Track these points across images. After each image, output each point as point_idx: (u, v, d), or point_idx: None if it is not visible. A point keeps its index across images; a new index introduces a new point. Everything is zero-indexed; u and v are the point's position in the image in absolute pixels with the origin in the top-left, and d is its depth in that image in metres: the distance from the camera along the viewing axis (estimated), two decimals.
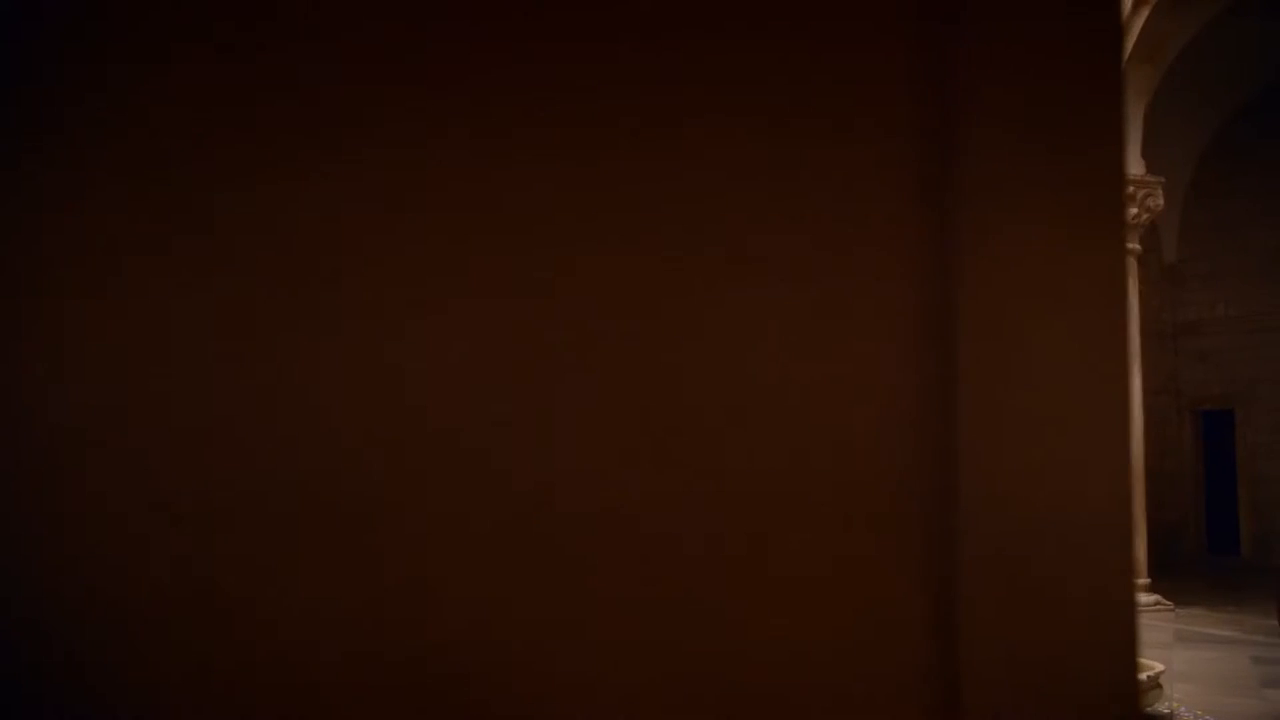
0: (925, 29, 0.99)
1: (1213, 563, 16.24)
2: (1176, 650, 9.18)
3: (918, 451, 0.96)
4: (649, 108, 0.97)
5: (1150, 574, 11.84)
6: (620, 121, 0.96)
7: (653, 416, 0.96)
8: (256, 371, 0.88)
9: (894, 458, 0.96)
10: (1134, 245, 11.85)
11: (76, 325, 0.86)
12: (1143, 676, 6.35)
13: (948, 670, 0.96)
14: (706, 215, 0.97)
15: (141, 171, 0.86)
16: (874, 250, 0.97)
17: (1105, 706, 1.01)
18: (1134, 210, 11.73)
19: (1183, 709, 6.80)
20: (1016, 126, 1.01)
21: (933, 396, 0.97)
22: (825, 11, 0.98)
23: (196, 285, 0.87)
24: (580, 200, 0.95)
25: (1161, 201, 12.02)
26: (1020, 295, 0.99)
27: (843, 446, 0.96)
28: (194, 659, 0.85)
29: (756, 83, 0.98)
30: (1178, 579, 13.68)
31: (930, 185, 0.98)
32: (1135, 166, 11.76)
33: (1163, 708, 6.67)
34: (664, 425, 0.96)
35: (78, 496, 0.84)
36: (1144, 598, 11.44)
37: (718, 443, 0.96)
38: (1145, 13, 11.25)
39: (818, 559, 0.95)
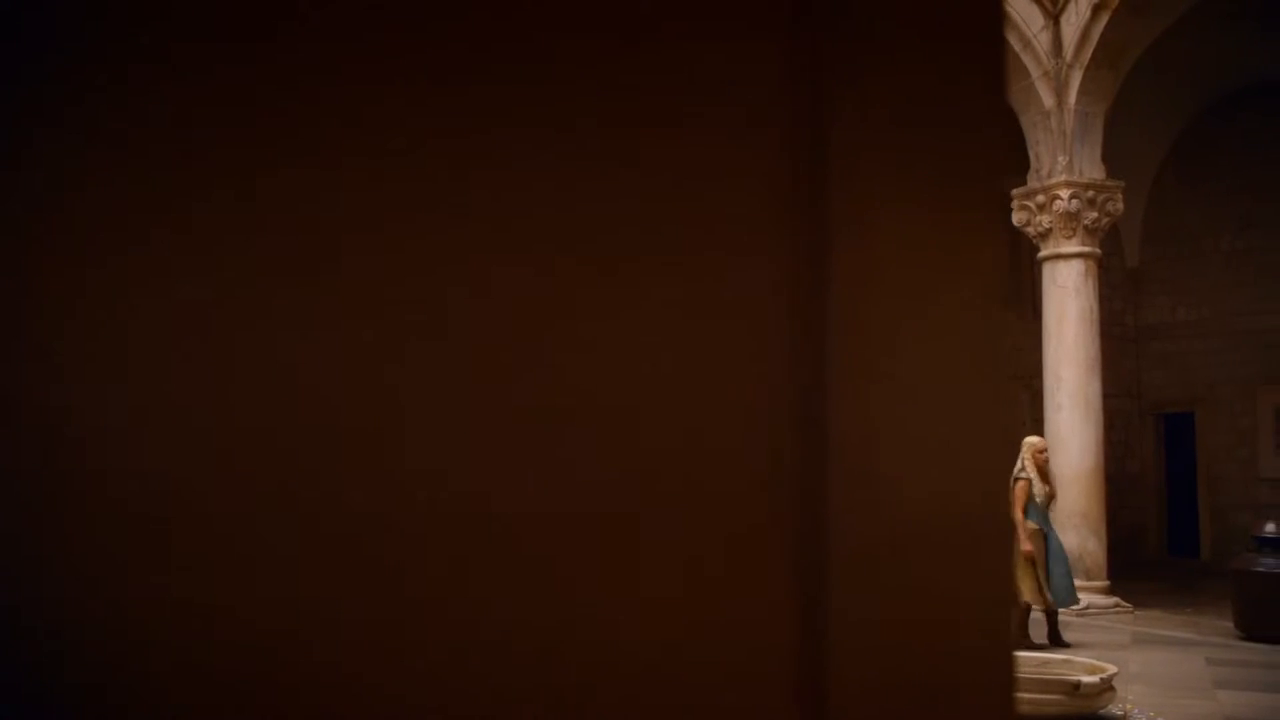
0: (797, 19, 0.98)
1: (1173, 565, 16.36)
2: (1133, 652, 9.24)
3: (785, 454, 0.95)
4: (506, 100, 0.95)
5: (1110, 576, 11.92)
6: (484, 113, 0.94)
7: (514, 417, 0.94)
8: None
9: (760, 460, 0.95)
10: (1094, 249, 11.93)
11: (60, 326, 0.84)
12: (1095, 679, 6.39)
13: (816, 682, 0.95)
14: (575, 211, 0.96)
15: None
16: (741, 245, 0.96)
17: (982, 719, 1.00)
18: (1094, 214, 11.81)
19: (1136, 710, 6.84)
20: (891, 119, 1.00)
21: (802, 396, 0.95)
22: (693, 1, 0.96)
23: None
24: (444, 195, 0.93)
25: (1121, 205, 12.11)
26: (894, 292, 0.98)
27: (705, 448, 0.94)
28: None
29: (620, 72, 0.97)
30: (1138, 581, 13.78)
31: (802, 180, 0.97)
32: (1095, 171, 11.85)
33: (1116, 709, 6.71)
34: (523, 425, 0.94)
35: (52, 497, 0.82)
36: (1103, 600, 11.52)
37: (575, 444, 0.94)
38: (1105, 19, 11.34)
39: (681, 566, 0.93)
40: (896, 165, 1.03)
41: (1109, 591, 11.68)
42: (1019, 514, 9.70)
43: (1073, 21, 11.54)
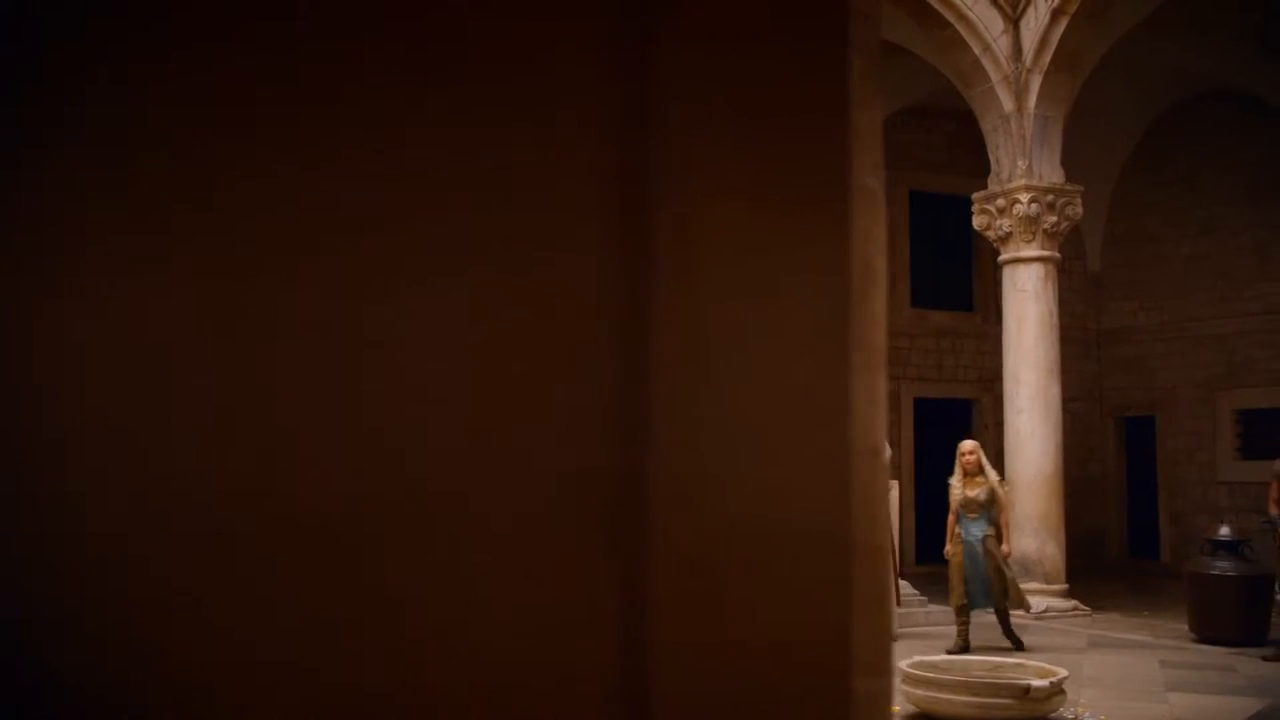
0: (627, 12, 0.94)
1: (1134, 568, 16.44)
2: (1089, 655, 9.26)
3: (608, 452, 0.91)
4: (337, 92, 0.91)
5: (1070, 579, 11.95)
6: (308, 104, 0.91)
7: (340, 415, 0.90)
8: None
9: (581, 457, 0.91)
10: (1054, 253, 11.98)
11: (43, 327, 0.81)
12: (1045, 682, 6.38)
13: (637, 693, 0.91)
14: (406, 204, 0.92)
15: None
16: (567, 242, 0.92)
17: None
18: (1054, 218, 11.85)
19: (1087, 714, 6.84)
20: (725, 115, 0.97)
21: (626, 393, 0.92)
22: None
23: None
24: (281, 189, 0.90)
25: (1081, 210, 12.15)
26: (725, 289, 0.95)
27: (523, 446, 0.91)
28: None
29: (447, 66, 0.93)
30: (1098, 584, 13.83)
31: (631, 176, 0.93)
32: (1055, 175, 11.89)
33: (1066, 713, 6.71)
34: (350, 422, 0.90)
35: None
36: (1061, 603, 11.55)
37: (400, 442, 0.91)
38: (1063, 24, 11.37)
39: (501, 569, 0.90)
40: (729, 164, 0.99)
41: (1067, 595, 11.71)
42: (951, 520, 9.68)
43: (1032, 26, 11.58)
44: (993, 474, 9.63)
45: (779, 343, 0.97)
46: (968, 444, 10.00)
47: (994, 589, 9.58)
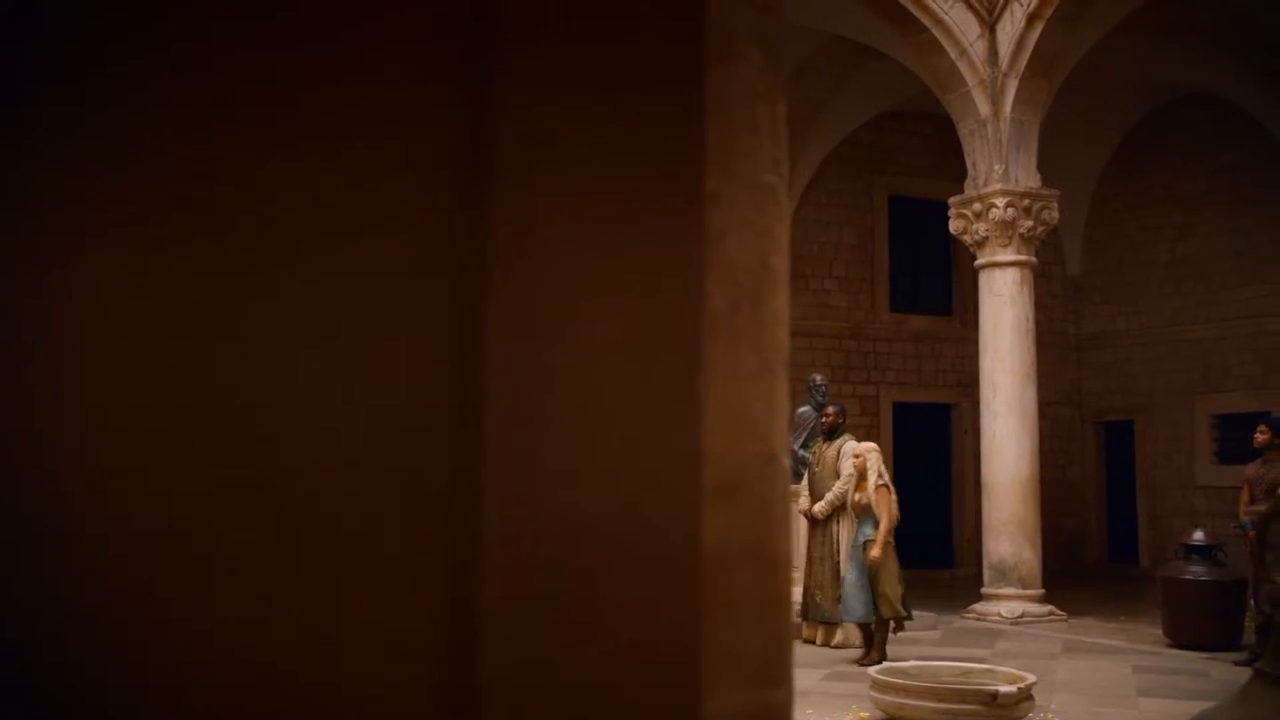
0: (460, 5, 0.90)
1: (1113, 572, 16.45)
2: (1062, 660, 9.24)
3: (440, 461, 0.87)
4: (166, 85, 0.87)
5: (1046, 584, 11.93)
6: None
7: (165, 413, 0.86)
8: None
9: (412, 457, 0.87)
10: (1030, 258, 11.97)
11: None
12: (1013, 688, 6.35)
13: (465, 685, 0.87)
14: (230, 200, 0.88)
15: None
16: (402, 241, 0.88)
17: None
18: (1030, 223, 11.84)
19: None
20: (566, 109, 0.92)
21: (460, 392, 0.87)
22: None
23: None
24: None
25: (1057, 214, 12.15)
26: (566, 290, 0.91)
27: (357, 450, 0.86)
28: None
29: (276, 58, 0.89)
30: (1077, 589, 13.83)
31: (469, 171, 0.89)
32: (1031, 179, 11.89)
33: (1035, 719, 6.68)
34: (178, 421, 0.86)
35: None
36: (1037, 608, 11.53)
37: (227, 441, 0.86)
38: (1039, 28, 11.37)
39: (327, 573, 0.85)
40: (573, 163, 0.95)
41: (1043, 600, 11.70)
42: (887, 523, 9.17)
43: (1008, 30, 11.58)
44: (873, 478, 9.18)
45: (622, 342, 0.93)
46: (858, 446, 9.63)
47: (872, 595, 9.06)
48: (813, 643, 9.74)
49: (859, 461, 9.30)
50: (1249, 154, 15.19)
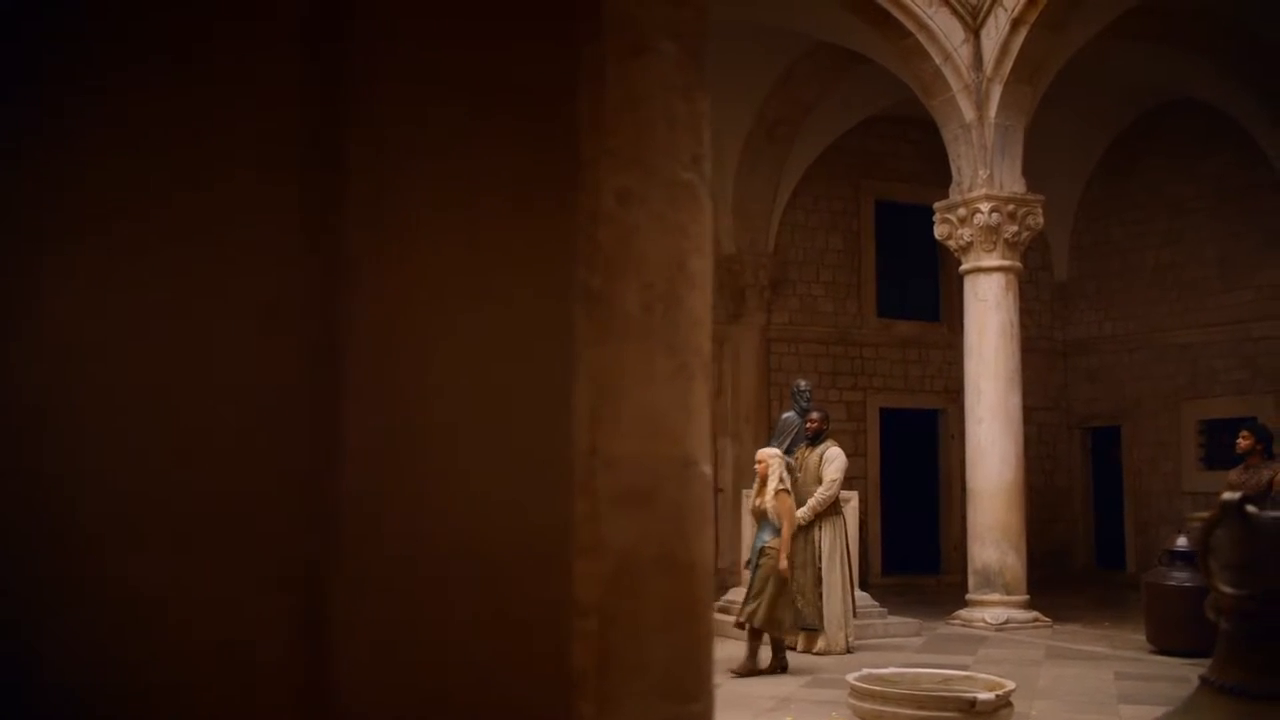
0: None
1: (1101, 578, 16.43)
2: (1045, 667, 9.21)
3: (300, 459, 0.83)
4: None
5: (1033, 590, 11.91)
6: None
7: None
8: None
9: (274, 464, 0.83)
10: (1015, 263, 11.95)
11: None
12: (991, 695, 6.32)
13: (320, 695, 0.83)
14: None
15: None
16: (255, 236, 0.84)
17: None
18: (1014, 228, 11.82)
19: None
20: (428, 103, 0.89)
21: (320, 399, 0.84)
22: None
23: None
24: None
25: (1042, 219, 12.13)
26: (425, 297, 0.87)
27: (218, 450, 0.82)
28: None
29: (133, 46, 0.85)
30: (1063, 595, 13.80)
31: (328, 165, 0.85)
32: (1016, 184, 11.87)
33: None
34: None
35: None
36: (1022, 614, 11.50)
37: (95, 438, 0.83)
38: (1023, 34, 11.36)
39: (185, 578, 0.81)
40: (434, 163, 0.91)
41: (1028, 606, 11.67)
42: (788, 530, 8.99)
43: (992, 36, 11.57)
44: (773, 483, 9.01)
45: (487, 350, 0.89)
46: (760, 452, 9.45)
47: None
48: (794, 649, 9.69)
49: (761, 467, 9.12)
50: (1234, 159, 15.20)
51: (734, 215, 15.51)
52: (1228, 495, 1.64)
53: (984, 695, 6.28)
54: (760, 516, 9.11)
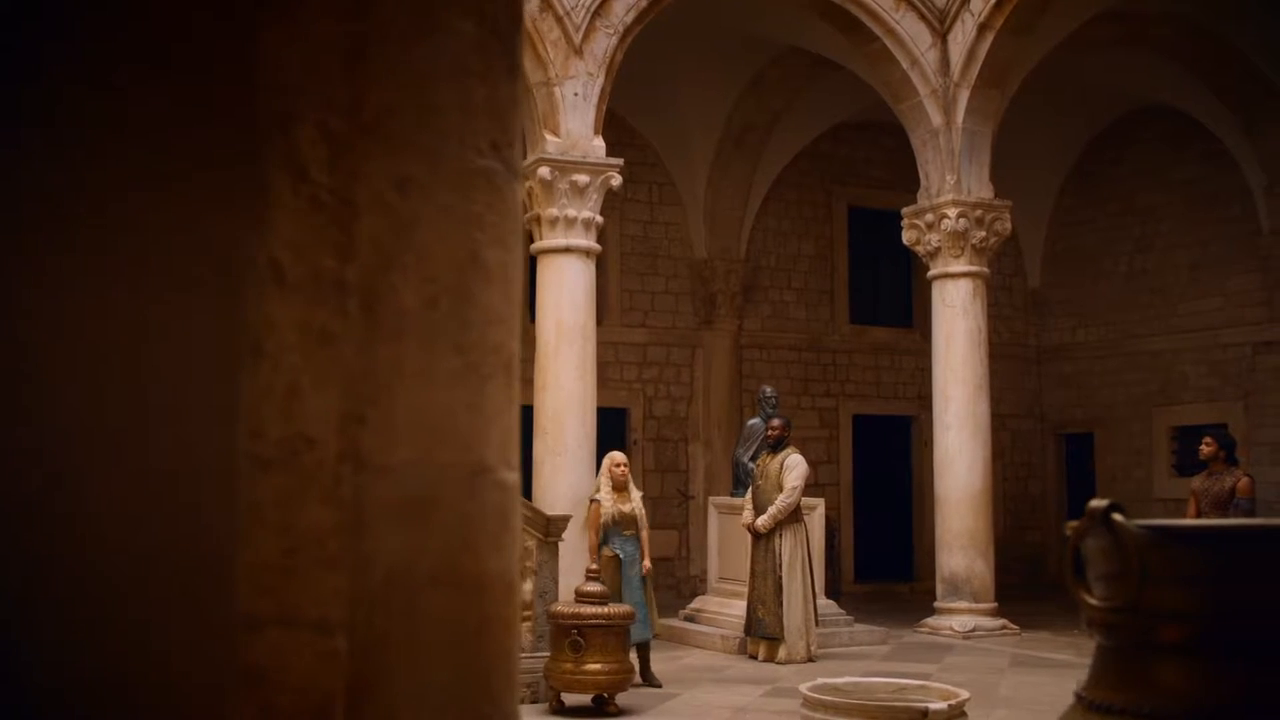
0: None
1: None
2: (1008, 675, 9.14)
3: None
4: None
5: (1003, 598, 11.84)
6: None
7: None
8: None
9: None
10: (983, 268, 11.90)
11: None
12: (944, 705, 6.24)
13: None
14: None
15: None
16: None
17: None
18: (982, 234, 11.77)
19: None
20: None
21: None
22: None
23: None
24: None
25: (1010, 225, 12.08)
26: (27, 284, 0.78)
27: None
28: None
29: None
30: (1035, 602, 13.72)
31: None
32: (983, 190, 11.82)
33: None
34: None
35: None
36: (990, 622, 11.44)
37: None
38: (990, 38, 11.32)
39: None
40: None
41: (996, 614, 11.60)
42: (593, 539, 8.60)
43: (959, 40, 11.52)
44: (635, 489, 8.78)
45: (109, 350, 0.81)
46: (619, 455, 8.98)
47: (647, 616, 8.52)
48: (755, 658, 9.61)
49: (621, 470, 8.74)
50: (1204, 167, 15.20)
51: (705, 221, 15.45)
52: (1094, 503, 1.56)
53: (936, 705, 6.20)
54: (630, 524, 8.66)
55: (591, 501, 8.79)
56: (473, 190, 1.23)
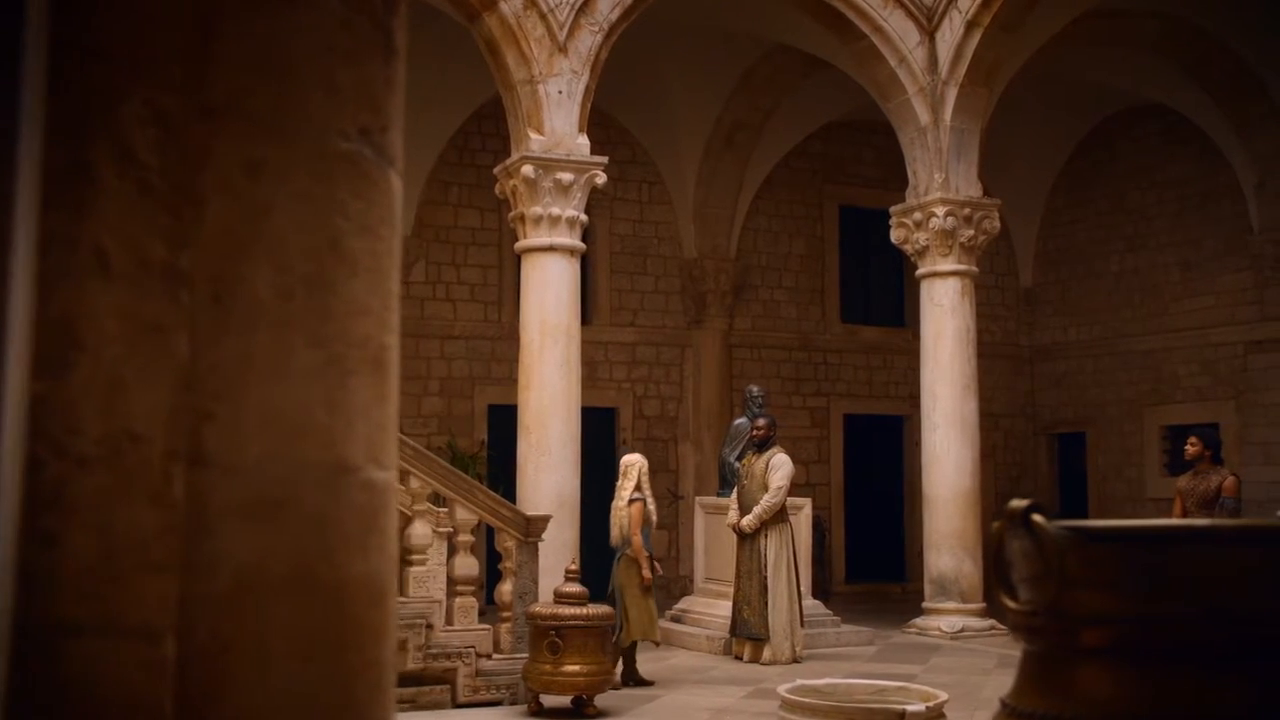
0: None
1: None
2: (994, 675, 9.10)
3: None
4: None
5: (987, 598, 11.78)
6: None
7: None
8: None
9: None
10: (971, 267, 11.84)
11: None
12: (922, 707, 6.19)
13: None
14: None
15: None
16: None
17: None
18: (970, 232, 11.71)
19: None
20: None
21: None
22: None
23: None
24: None
25: (998, 224, 12.03)
26: None
27: None
28: None
29: None
30: None
31: None
32: (972, 188, 11.76)
33: None
34: None
35: None
36: (978, 623, 11.39)
37: None
38: (978, 36, 11.27)
39: None
40: None
41: (985, 614, 11.55)
42: (638, 539, 8.51)
43: (947, 38, 11.47)
44: (628, 491, 8.61)
45: None
46: (626, 457, 8.99)
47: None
48: (740, 658, 9.56)
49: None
50: (1195, 165, 15.16)
51: (695, 220, 15.40)
52: (1014, 503, 1.50)
53: (914, 706, 6.14)
54: (648, 524, 8.62)
55: (632, 501, 8.62)
56: (336, 176, 1.18)
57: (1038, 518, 1.50)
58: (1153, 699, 1.44)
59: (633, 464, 8.72)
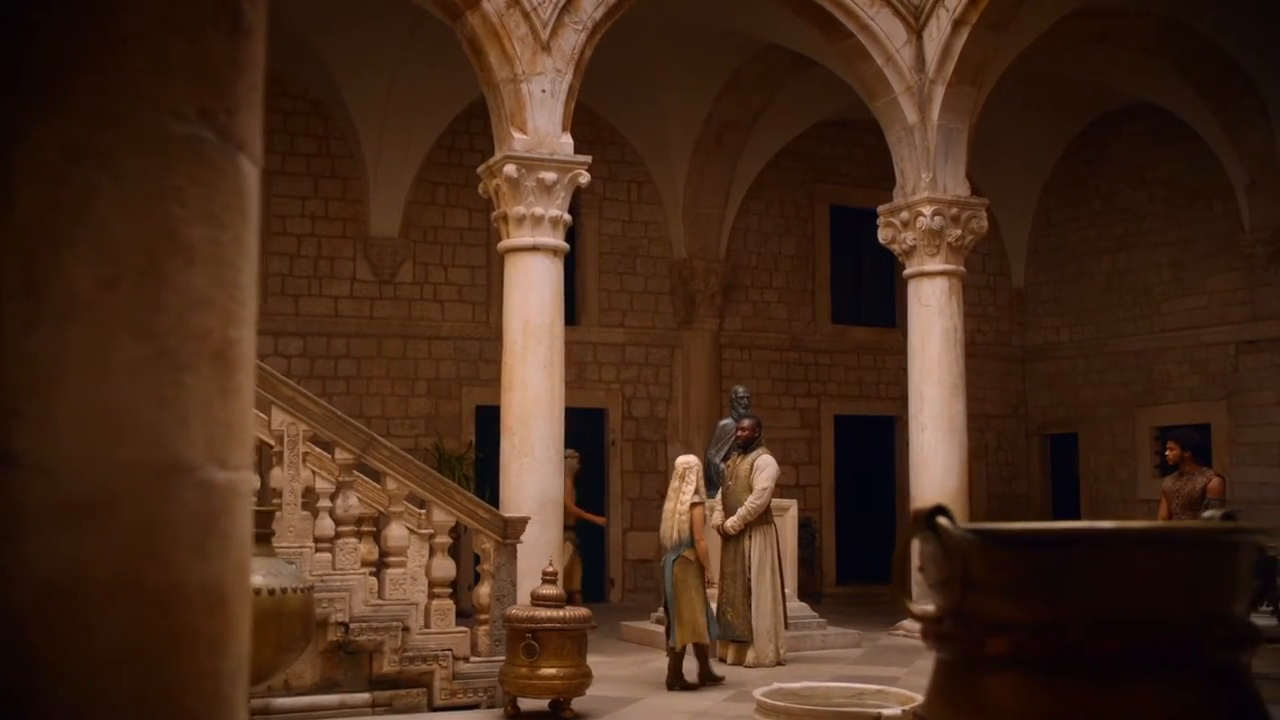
0: None
1: None
2: None
3: None
4: None
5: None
6: None
7: None
8: None
9: None
10: (958, 267, 11.79)
11: None
12: (898, 710, 6.13)
13: None
14: None
15: None
16: None
17: None
18: (958, 232, 11.65)
19: None
20: None
21: None
22: None
23: None
24: None
25: (986, 223, 11.97)
26: None
27: None
28: None
29: None
30: None
31: None
32: (959, 188, 11.70)
33: None
34: None
35: None
36: None
37: None
38: (965, 34, 11.21)
39: None
40: None
41: None
42: (704, 543, 8.57)
43: (935, 37, 11.41)
44: (688, 495, 8.64)
45: None
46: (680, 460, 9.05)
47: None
48: (724, 660, 9.49)
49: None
50: (1186, 165, 15.10)
51: (684, 220, 15.34)
52: (920, 505, 1.44)
53: (890, 710, 6.09)
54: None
55: (693, 506, 8.59)
56: (171, 160, 1.11)
57: (943, 520, 1.45)
58: (1056, 712, 1.38)
59: (690, 466, 8.76)
